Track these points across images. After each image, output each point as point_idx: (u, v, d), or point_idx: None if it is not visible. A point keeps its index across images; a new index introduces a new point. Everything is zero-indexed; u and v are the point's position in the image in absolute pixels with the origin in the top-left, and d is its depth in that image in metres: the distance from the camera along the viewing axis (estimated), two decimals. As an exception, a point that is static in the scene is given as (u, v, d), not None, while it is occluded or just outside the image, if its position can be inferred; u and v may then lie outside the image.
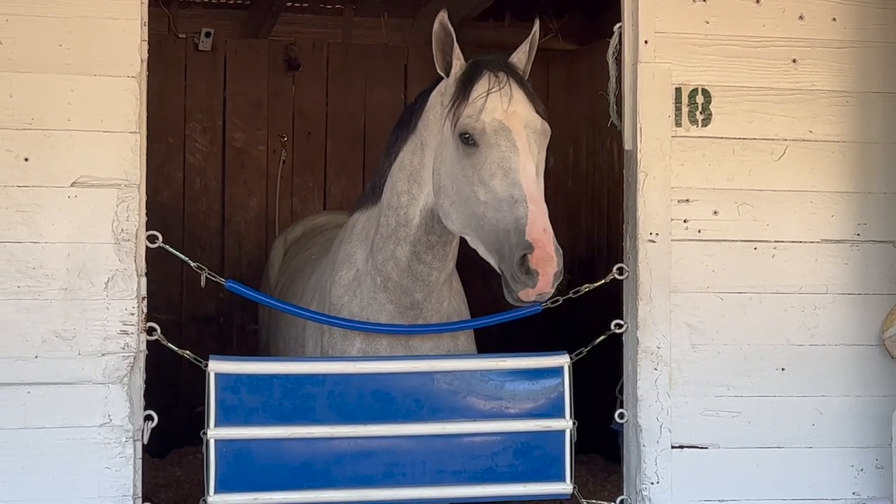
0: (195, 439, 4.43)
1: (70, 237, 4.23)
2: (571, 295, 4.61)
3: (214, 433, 4.26)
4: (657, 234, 4.61)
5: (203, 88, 8.70)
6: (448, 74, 4.24)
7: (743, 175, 4.71)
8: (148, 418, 4.29)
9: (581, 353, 4.54)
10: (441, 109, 4.22)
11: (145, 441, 4.30)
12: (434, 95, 4.34)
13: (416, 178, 4.34)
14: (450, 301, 4.61)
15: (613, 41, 4.71)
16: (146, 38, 4.33)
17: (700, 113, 4.68)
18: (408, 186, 4.37)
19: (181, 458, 7.73)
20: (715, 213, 4.68)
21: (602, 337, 4.60)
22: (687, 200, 4.65)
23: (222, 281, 4.53)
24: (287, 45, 8.80)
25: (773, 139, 4.74)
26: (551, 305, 4.41)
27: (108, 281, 4.24)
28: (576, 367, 4.50)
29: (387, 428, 4.36)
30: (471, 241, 4.16)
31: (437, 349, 4.58)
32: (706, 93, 4.68)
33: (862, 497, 4.74)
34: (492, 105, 4.06)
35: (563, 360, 4.48)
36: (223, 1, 8.77)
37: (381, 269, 4.46)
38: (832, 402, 4.74)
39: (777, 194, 4.72)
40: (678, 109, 4.66)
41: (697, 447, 4.64)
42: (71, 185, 4.24)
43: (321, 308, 4.72)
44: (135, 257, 4.27)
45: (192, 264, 4.49)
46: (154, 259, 4.41)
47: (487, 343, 5.15)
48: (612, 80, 4.75)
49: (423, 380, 4.40)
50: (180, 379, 6.74)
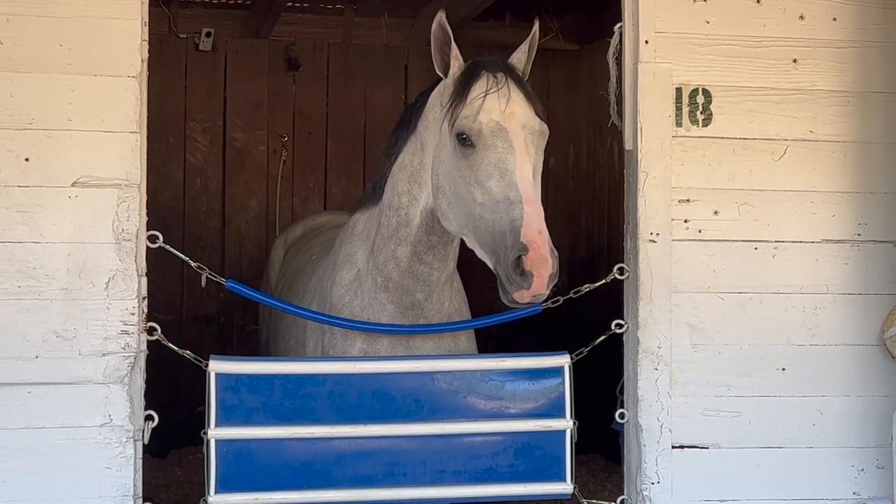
0: (195, 439, 4.43)
1: (71, 237, 4.23)
2: (572, 295, 4.60)
3: (215, 433, 4.25)
4: (658, 234, 4.60)
5: (203, 88, 8.69)
6: (447, 75, 4.24)
7: (743, 175, 4.70)
8: (148, 418, 4.29)
9: (582, 353, 4.53)
10: (440, 110, 4.21)
11: (146, 441, 4.30)
12: (434, 96, 4.33)
13: (417, 179, 4.34)
14: (451, 301, 4.60)
15: (614, 41, 4.71)
16: (147, 38, 4.33)
17: (700, 113, 4.68)
18: (408, 187, 4.37)
19: (181, 458, 7.73)
20: (715, 213, 4.68)
21: (603, 337, 4.60)
22: (688, 200, 4.65)
23: (223, 281, 4.52)
24: (287, 45, 8.80)
25: (774, 139, 4.73)
26: (552, 305, 4.41)
27: (109, 281, 4.24)
28: (576, 367, 4.49)
29: (387, 428, 4.35)
30: (468, 242, 4.16)
31: (439, 349, 4.57)
32: (707, 93, 4.68)
33: (862, 497, 4.74)
34: (489, 106, 4.05)
35: (564, 360, 4.47)
36: (224, 1, 8.76)
37: (382, 270, 4.46)
38: (833, 402, 4.74)
39: (778, 194, 4.72)
40: (679, 109, 4.66)
41: (698, 447, 4.64)
42: (71, 185, 4.24)
43: (322, 308, 4.72)
44: (135, 257, 4.26)
45: (193, 264, 4.49)
46: (154, 259, 4.41)
47: (487, 343, 5.15)
48: (613, 80, 4.74)
49: (424, 380, 4.39)
50: (181, 379, 6.73)
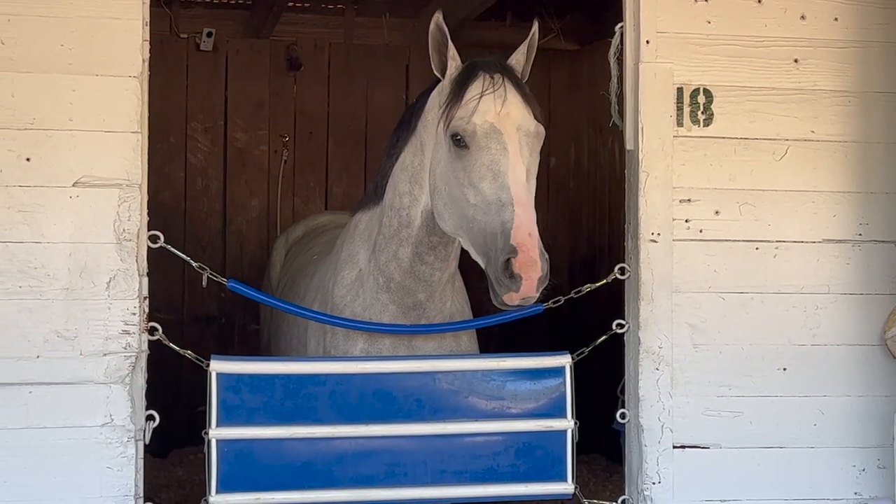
0: (196, 439, 4.42)
1: (72, 237, 4.23)
2: (573, 295, 4.60)
3: (216, 433, 4.25)
4: (659, 234, 4.60)
5: (204, 88, 8.69)
6: (444, 75, 4.23)
7: (744, 175, 4.70)
8: (149, 418, 4.29)
9: (583, 353, 4.53)
10: (438, 110, 4.20)
11: (147, 441, 4.30)
12: (433, 96, 4.32)
13: (417, 179, 4.34)
14: (452, 301, 4.60)
15: (615, 41, 4.71)
16: (148, 38, 4.33)
17: (702, 113, 4.67)
18: (409, 187, 4.36)
19: (182, 458, 7.73)
20: (717, 213, 4.67)
21: (604, 337, 4.60)
22: (689, 200, 4.65)
23: (224, 281, 4.52)
24: (288, 45, 8.79)
25: (775, 139, 4.73)
26: (553, 305, 4.42)
27: (110, 281, 4.24)
28: (577, 367, 4.49)
29: (388, 428, 4.35)
30: (463, 243, 4.16)
31: (440, 349, 4.57)
32: (708, 93, 4.68)
33: (864, 497, 4.74)
34: (484, 107, 4.04)
35: (565, 360, 4.47)
36: (225, 1, 8.76)
37: (384, 270, 4.46)
38: (834, 402, 4.74)
39: (779, 194, 4.72)
40: (680, 109, 4.65)
41: (699, 447, 4.64)
42: (73, 185, 4.24)
43: (323, 308, 4.72)
44: (136, 257, 4.26)
45: (194, 264, 4.49)
46: (155, 259, 4.41)
47: (488, 343, 5.15)
48: (614, 80, 4.74)
49: (425, 380, 4.39)
50: (182, 379, 6.73)
